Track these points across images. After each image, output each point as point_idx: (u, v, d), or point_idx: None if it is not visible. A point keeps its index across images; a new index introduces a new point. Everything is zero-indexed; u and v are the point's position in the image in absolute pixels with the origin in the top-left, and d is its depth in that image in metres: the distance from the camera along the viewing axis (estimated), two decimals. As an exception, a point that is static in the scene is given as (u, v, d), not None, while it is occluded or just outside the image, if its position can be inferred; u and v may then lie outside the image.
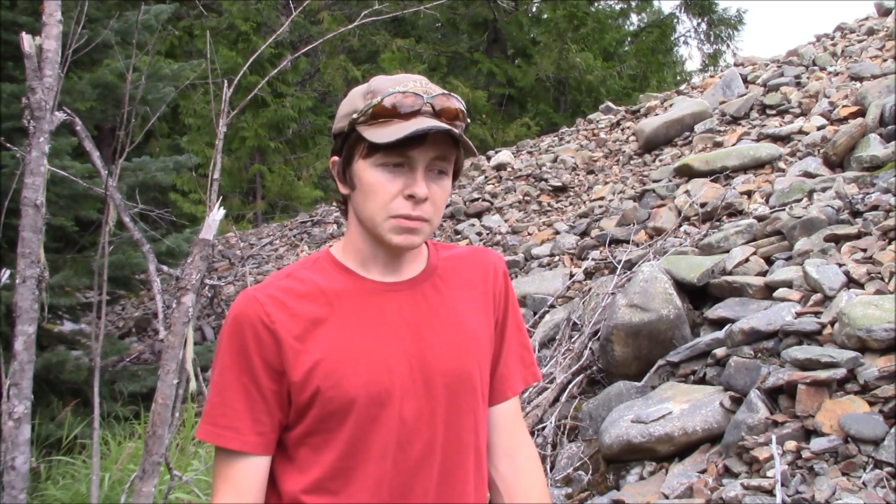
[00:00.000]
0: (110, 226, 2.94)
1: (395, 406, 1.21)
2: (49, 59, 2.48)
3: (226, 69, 10.16)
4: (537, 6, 16.73)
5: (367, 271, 1.26)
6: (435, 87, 1.23)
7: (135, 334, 8.10)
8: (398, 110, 1.18)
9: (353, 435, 1.20)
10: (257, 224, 12.59)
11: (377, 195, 1.19)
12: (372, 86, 1.23)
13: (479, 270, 1.35)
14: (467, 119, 1.25)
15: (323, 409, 1.20)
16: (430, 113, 1.19)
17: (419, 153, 1.18)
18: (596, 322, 4.46)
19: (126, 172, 5.57)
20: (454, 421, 1.25)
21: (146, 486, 2.32)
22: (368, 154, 1.19)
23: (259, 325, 1.20)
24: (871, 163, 5.08)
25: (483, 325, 1.32)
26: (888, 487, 2.58)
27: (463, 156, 1.25)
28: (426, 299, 1.28)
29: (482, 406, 1.31)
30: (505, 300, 1.37)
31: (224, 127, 2.61)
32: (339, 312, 1.23)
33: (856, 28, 8.74)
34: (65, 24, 2.58)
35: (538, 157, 8.93)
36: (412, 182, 1.18)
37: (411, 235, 1.21)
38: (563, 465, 3.67)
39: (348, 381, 1.19)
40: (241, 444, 1.21)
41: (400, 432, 1.21)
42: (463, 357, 1.27)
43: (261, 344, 1.20)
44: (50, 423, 4.84)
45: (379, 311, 1.24)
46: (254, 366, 1.21)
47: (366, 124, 1.20)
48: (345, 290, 1.25)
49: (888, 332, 3.02)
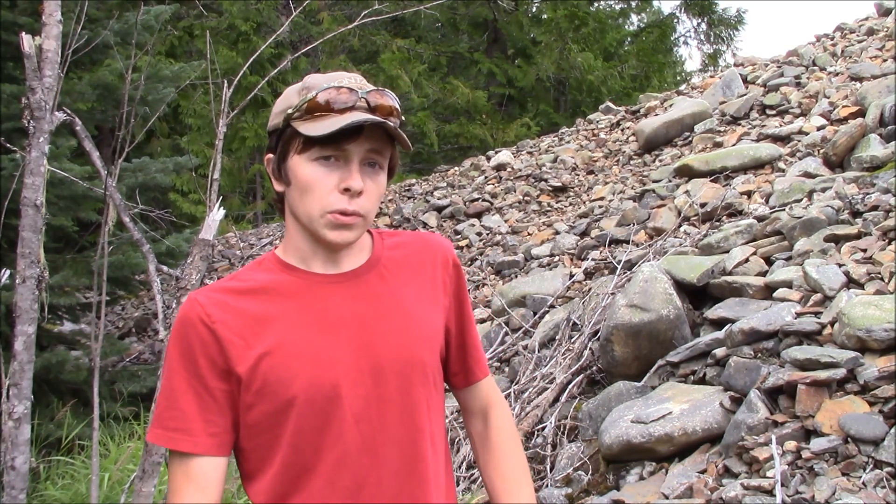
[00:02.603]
0: (110, 226, 2.94)
1: (343, 398, 1.21)
2: (49, 60, 2.49)
3: (226, 69, 10.15)
4: (537, 6, 16.73)
5: (308, 267, 1.27)
6: (368, 84, 1.25)
7: (135, 334, 8.09)
8: (332, 105, 1.19)
9: (303, 429, 1.20)
10: (257, 224, 12.59)
11: (313, 190, 1.20)
12: (306, 83, 1.25)
13: (427, 257, 1.35)
14: (401, 117, 1.26)
15: (270, 404, 1.20)
16: (364, 108, 1.20)
17: (354, 146, 1.19)
18: (596, 322, 4.46)
19: (126, 173, 5.57)
20: (408, 407, 1.25)
21: (146, 486, 2.32)
22: (304, 149, 1.21)
23: (200, 326, 1.21)
24: (870, 163, 5.08)
25: (432, 312, 1.32)
26: (888, 487, 2.58)
27: (398, 152, 1.27)
28: (371, 289, 1.28)
29: (435, 392, 1.31)
30: (457, 287, 1.38)
31: (224, 127, 2.61)
32: (283, 308, 1.23)
33: (856, 28, 8.74)
34: (65, 24, 2.59)
35: (538, 158, 8.93)
36: (347, 175, 1.20)
37: (346, 231, 1.22)
38: (563, 466, 3.67)
39: (294, 375, 1.20)
40: (192, 446, 1.21)
41: (351, 423, 1.21)
42: (413, 344, 1.27)
43: (204, 344, 1.21)
44: (50, 423, 4.84)
45: (323, 305, 1.24)
46: (199, 367, 1.21)
47: (301, 119, 1.21)
48: (288, 286, 1.25)
49: (888, 332, 3.02)
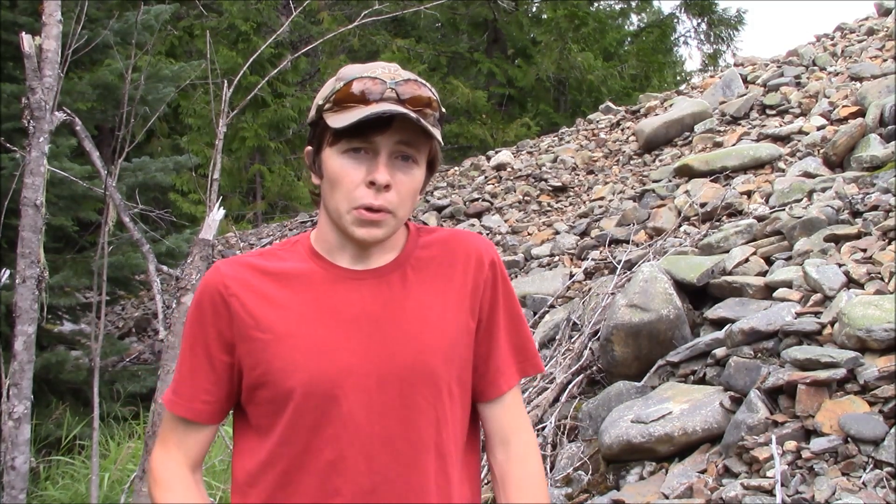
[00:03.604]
0: (110, 226, 2.95)
1: (343, 399, 1.18)
2: (49, 59, 2.49)
3: (226, 69, 10.14)
4: (537, 6, 16.72)
5: (334, 259, 1.25)
6: (405, 73, 1.20)
7: (135, 334, 8.09)
8: (362, 96, 1.16)
9: (297, 423, 1.19)
10: (257, 224, 12.58)
11: (341, 183, 1.18)
12: (340, 73, 1.22)
13: (459, 258, 1.28)
14: (441, 109, 1.21)
15: (269, 392, 1.20)
16: (393, 99, 1.16)
17: (383, 139, 1.16)
18: (596, 322, 4.46)
19: (126, 173, 5.58)
20: (410, 418, 1.20)
21: (146, 486, 2.32)
22: (334, 141, 1.18)
23: (216, 295, 1.22)
24: (870, 163, 5.08)
25: (456, 318, 1.25)
26: (888, 487, 2.58)
27: (437, 147, 1.22)
28: (391, 290, 1.23)
29: (450, 403, 1.24)
30: (493, 290, 1.29)
31: (224, 127, 2.62)
32: (300, 297, 1.22)
33: (856, 28, 8.74)
34: (65, 24, 2.59)
35: (538, 157, 8.93)
36: (374, 168, 1.16)
37: (374, 228, 1.18)
38: (562, 466, 3.67)
39: (295, 367, 1.18)
40: (184, 411, 1.25)
41: (349, 426, 1.19)
42: (425, 352, 1.21)
43: (216, 314, 1.22)
44: (49, 423, 4.84)
45: (340, 300, 1.22)
46: (208, 335, 1.23)
47: (331, 111, 1.19)
48: (310, 275, 1.24)
49: (888, 332, 3.02)
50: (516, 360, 1.33)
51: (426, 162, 1.23)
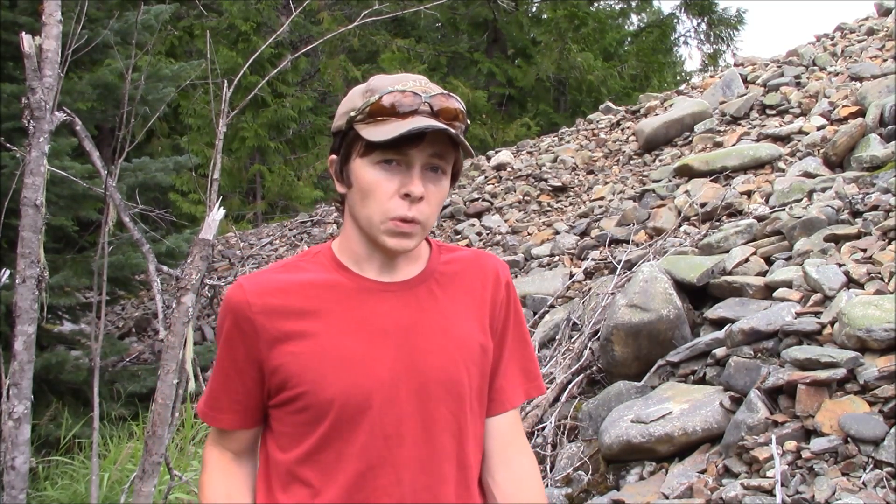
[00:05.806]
0: (110, 226, 2.94)
1: (373, 410, 1.19)
2: (49, 59, 2.48)
3: (226, 69, 10.16)
4: (537, 6, 16.74)
5: (361, 270, 1.25)
6: (434, 86, 1.22)
7: (135, 334, 8.09)
8: (396, 109, 1.17)
9: (329, 435, 1.20)
10: (257, 224, 12.58)
11: (374, 194, 1.18)
12: (371, 84, 1.22)
13: (479, 277, 1.32)
14: (467, 120, 1.24)
15: (303, 403, 1.20)
16: (427, 112, 1.18)
17: (416, 151, 1.17)
18: (596, 322, 4.46)
19: (126, 172, 5.57)
20: (434, 429, 1.22)
21: (146, 486, 2.32)
22: (366, 153, 1.19)
23: (240, 313, 1.22)
24: (870, 163, 5.08)
25: (478, 333, 1.28)
26: (888, 487, 2.58)
27: (462, 157, 1.24)
28: (419, 303, 1.25)
29: (472, 416, 1.27)
30: (506, 310, 1.33)
31: (224, 127, 2.61)
32: (328, 309, 1.22)
33: (856, 28, 8.74)
34: (65, 24, 2.58)
35: (538, 157, 8.93)
36: (408, 181, 1.18)
37: (405, 239, 1.20)
38: (562, 466, 3.67)
39: (327, 381, 1.19)
40: (218, 422, 1.30)
41: (378, 437, 1.20)
42: (452, 364, 1.24)
43: (242, 332, 1.23)
44: (49, 423, 4.84)
45: (369, 311, 1.23)
46: (236, 352, 1.24)
47: (363, 122, 1.19)
48: (337, 287, 1.24)
49: (888, 332, 3.02)
50: (522, 380, 1.36)
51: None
